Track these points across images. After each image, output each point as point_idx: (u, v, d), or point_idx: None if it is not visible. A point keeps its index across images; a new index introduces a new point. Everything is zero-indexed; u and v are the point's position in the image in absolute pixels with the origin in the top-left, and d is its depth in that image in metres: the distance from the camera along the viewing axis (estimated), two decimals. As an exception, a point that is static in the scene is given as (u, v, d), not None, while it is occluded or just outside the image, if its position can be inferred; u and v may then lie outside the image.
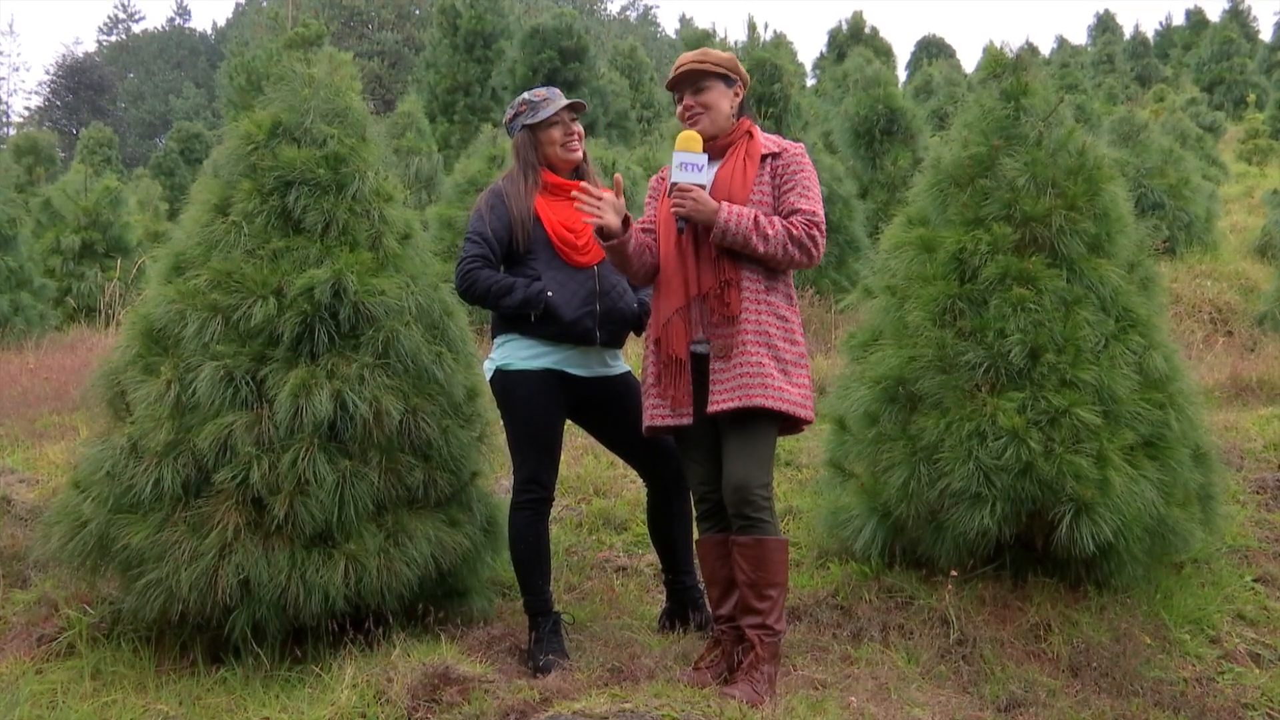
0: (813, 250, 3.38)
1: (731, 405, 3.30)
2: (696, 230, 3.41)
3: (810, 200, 3.42)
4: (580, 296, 3.72)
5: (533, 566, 3.75)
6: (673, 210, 3.39)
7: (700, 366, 3.44)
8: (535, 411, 3.72)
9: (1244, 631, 4.05)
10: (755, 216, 3.33)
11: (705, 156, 3.39)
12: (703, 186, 3.37)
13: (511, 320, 3.75)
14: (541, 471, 3.74)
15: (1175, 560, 4.37)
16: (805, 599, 4.16)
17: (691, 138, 3.40)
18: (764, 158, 3.48)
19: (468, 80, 22.56)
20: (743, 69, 3.58)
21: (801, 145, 3.55)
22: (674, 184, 3.37)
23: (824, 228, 3.39)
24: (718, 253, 3.38)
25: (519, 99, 3.90)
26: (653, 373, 3.49)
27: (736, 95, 3.54)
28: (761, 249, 3.33)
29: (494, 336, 3.84)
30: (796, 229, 3.36)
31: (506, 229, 3.74)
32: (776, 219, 3.37)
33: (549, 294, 3.68)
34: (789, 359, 3.38)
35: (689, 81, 3.50)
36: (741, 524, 3.35)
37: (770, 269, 3.41)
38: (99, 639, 3.90)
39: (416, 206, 13.49)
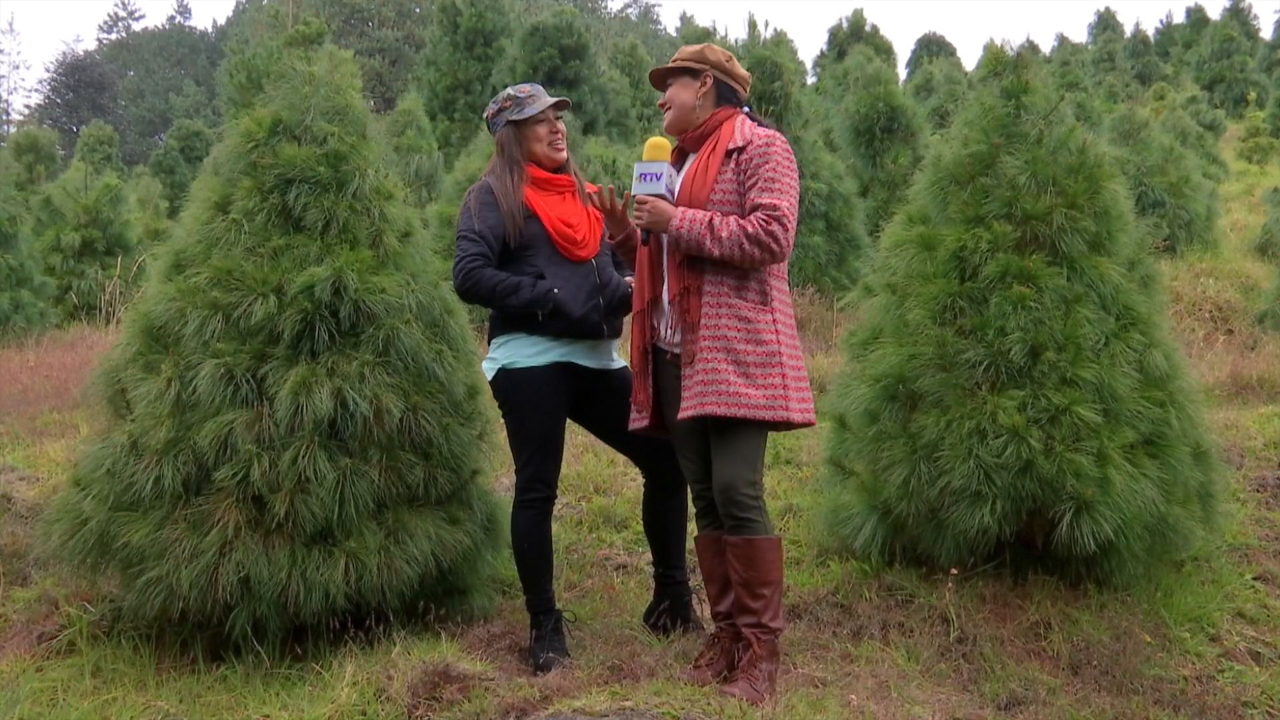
0: (773, 246, 3.26)
1: (690, 413, 3.32)
2: (662, 239, 3.42)
3: (772, 193, 3.29)
4: (585, 291, 3.73)
5: (536, 565, 3.74)
6: (634, 223, 3.44)
7: (674, 367, 3.48)
8: (540, 410, 3.71)
9: (1244, 630, 4.06)
10: (709, 220, 3.28)
11: (666, 164, 3.38)
12: (665, 195, 3.36)
13: (515, 320, 3.72)
14: (546, 470, 3.74)
15: (1175, 558, 4.37)
16: (805, 597, 4.16)
17: (657, 145, 3.40)
18: (729, 153, 3.39)
19: (468, 78, 22.54)
20: (715, 54, 3.47)
21: (772, 133, 3.38)
22: (633, 196, 3.39)
23: (787, 220, 3.26)
24: (681, 260, 3.37)
25: (503, 94, 3.86)
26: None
27: (704, 84, 3.46)
28: (716, 252, 3.27)
29: (492, 337, 3.81)
30: (752, 226, 3.25)
31: (499, 226, 3.71)
32: (732, 219, 3.28)
33: (556, 291, 3.68)
34: (752, 360, 3.29)
35: (657, 84, 3.57)
36: (731, 524, 3.36)
37: (740, 270, 3.34)
38: (99, 637, 3.90)
39: (417, 205, 13.50)
